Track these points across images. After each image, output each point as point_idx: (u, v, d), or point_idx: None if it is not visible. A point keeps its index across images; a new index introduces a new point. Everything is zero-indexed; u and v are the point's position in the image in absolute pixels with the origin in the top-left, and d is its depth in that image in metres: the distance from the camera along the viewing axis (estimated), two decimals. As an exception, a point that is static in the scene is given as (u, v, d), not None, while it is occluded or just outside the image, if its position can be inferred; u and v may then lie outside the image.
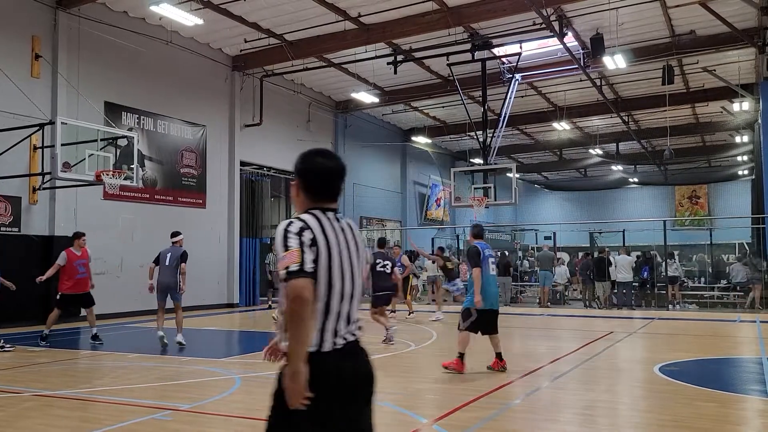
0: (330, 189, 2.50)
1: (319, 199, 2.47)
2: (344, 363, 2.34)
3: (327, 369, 2.29)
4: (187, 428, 5.22)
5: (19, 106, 13.00)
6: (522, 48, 16.73)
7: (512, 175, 17.23)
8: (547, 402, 6.35)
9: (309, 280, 2.22)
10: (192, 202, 17.47)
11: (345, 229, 2.44)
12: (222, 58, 18.46)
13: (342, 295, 2.36)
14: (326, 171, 2.51)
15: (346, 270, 2.37)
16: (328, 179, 2.51)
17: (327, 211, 2.45)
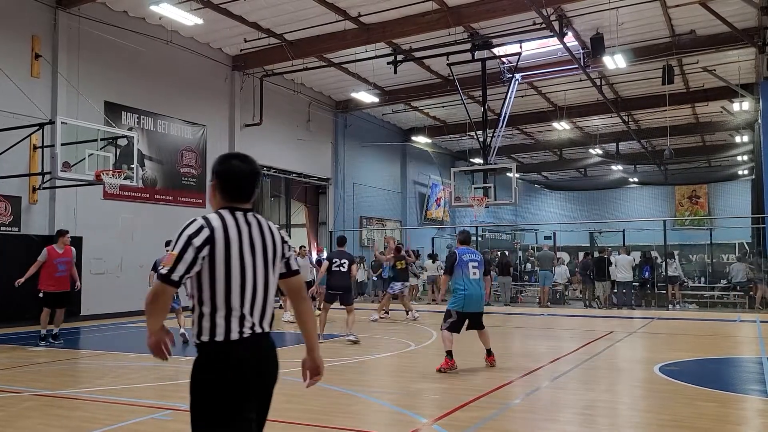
0: (243, 191, 2.64)
1: (232, 200, 2.63)
2: (248, 353, 2.50)
3: (230, 358, 2.47)
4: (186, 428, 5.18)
5: (19, 105, 13.00)
6: (522, 48, 16.73)
7: (512, 175, 17.22)
8: (547, 402, 6.35)
9: (170, 289, 2.45)
10: (192, 201, 17.47)
11: (253, 228, 2.59)
12: (222, 57, 18.46)
13: (242, 288, 2.50)
14: (240, 174, 2.64)
15: (248, 266, 2.51)
16: (241, 182, 2.64)
17: (237, 211, 2.60)
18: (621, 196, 37.32)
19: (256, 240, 2.58)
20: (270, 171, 20.75)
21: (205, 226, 2.49)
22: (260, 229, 2.62)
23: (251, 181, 2.66)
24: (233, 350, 2.48)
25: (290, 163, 21.44)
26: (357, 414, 5.78)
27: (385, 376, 7.94)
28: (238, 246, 2.51)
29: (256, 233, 2.59)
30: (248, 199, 2.66)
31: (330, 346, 10.35)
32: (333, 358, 8.84)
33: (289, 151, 21.34)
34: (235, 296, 2.50)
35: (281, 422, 5.26)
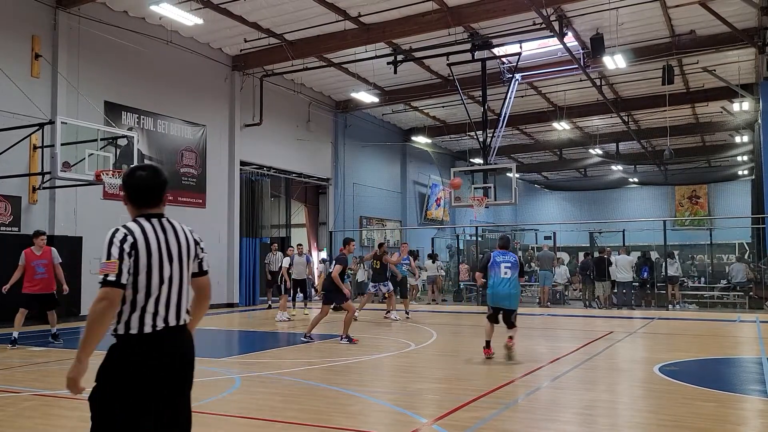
0: (149, 198, 2.91)
1: (142, 207, 2.90)
2: (160, 345, 2.76)
3: (143, 350, 2.72)
4: (187, 428, 5.21)
5: (19, 105, 13.00)
6: (522, 48, 16.72)
7: (512, 175, 17.22)
8: (547, 402, 6.35)
9: (118, 291, 2.69)
10: (192, 201, 17.47)
11: (169, 233, 2.87)
12: (222, 57, 18.46)
13: (160, 285, 2.79)
14: (143, 184, 2.91)
15: (165, 266, 2.80)
16: (145, 191, 2.91)
17: (152, 217, 2.88)
18: (621, 196, 37.33)
19: (171, 243, 2.86)
20: (270, 171, 20.76)
21: (128, 234, 2.77)
22: (175, 233, 2.90)
23: (154, 190, 2.92)
24: (147, 341, 2.74)
25: (290, 163, 21.44)
26: (357, 414, 5.78)
27: (385, 376, 7.94)
28: (157, 250, 2.80)
29: (172, 237, 2.88)
30: (157, 205, 2.93)
31: (330, 347, 10.35)
32: (333, 358, 8.85)
33: (289, 151, 21.34)
34: (153, 295, 2.77)
35: (280, 422, 5.27)
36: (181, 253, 2.90)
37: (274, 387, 6.91)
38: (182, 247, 2.91)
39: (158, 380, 2.73)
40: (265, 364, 8.39)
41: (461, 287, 21.79)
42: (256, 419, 5.43)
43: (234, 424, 5.40)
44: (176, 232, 2.91)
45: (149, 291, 2.77)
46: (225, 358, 9.22)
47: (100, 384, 2.74)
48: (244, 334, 12.66)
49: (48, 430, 5.08)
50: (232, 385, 6.91)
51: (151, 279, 2.77)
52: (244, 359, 9.16)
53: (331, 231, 23.26)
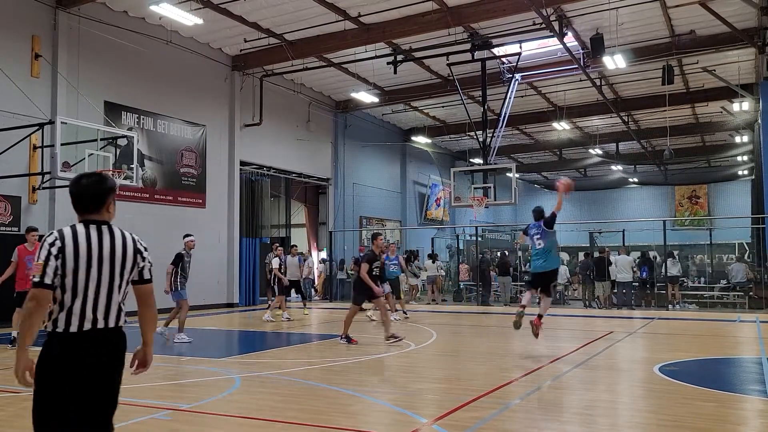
0: (89, 205, 3.03)
1: (83, 213, 3.03)
2: (83, 344, 2.90)
3: (65, 347, 2.87)
4: (186, 428, 5.22)
5: (19, 105, 13.00)
6: (522, 48, 16.72)
7: (512, 175, 17.23)
8: (546, 402, 6.35)
9: (45, 291, 2.85)
10: (192, 201, 17.47)
11: (104, 237, 2.98)
12: (222, 57, 18.46)
13: (86, 287, 2.91)
14: (85, 192, 3.04)
15: (93, 270, 2.92)
16: (86, 198, 3.03)
17: (91, 224, 3.00)
18: (621, 196, 37.33)
19: (105, 249, 2.97)
20: (270, 171, 20.76)
21: (58, 239, 2.92)
22: (112, 239, 3.00)
23: (94, 197, 3.03)
24: (70, 340, 2.88)
25: (290, 163, 21.43)
26: (357, 414, 5.77)
27: (385, 377, 7.94)
28: (85, 254, 2.92)
29: (107, 243, 2.98)
30: (98, 212, 3.04)
31: (329, 346, 10.35)
32: (332, 358, 8.85)
33: (289, 151, 21.34)
34: (79, 297, 2.91)
35: (280, 422, 5.27)
36: (114, 259, 2.99)
37: (274, 387, 6.91)
38: (116, 254, 3.00)
39: (76, 378, 2.86)
40: (265, 364, 8.39)
41: (461, 287, 21.79)
42: (256, 419, 5.43)
43: (234, 424, 5.39)
44: (113, 239, 3.01)
45: (75, 292, 2.90)
46: (225, 358, 9.22)
47: (35, 377, 2.88)
48: (243, 334, 12.66)
49: (48, 430, 5.07)
50: (232, 385, 6.91)
51: (77, 281, 2.90)
52: (244, 359, 9.16)
53: (331, 231, 23.25)
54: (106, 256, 2.97)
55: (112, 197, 3.10)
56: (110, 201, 3.09)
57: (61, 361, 2.86)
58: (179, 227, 16.65)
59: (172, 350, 9.79)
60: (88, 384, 2.90)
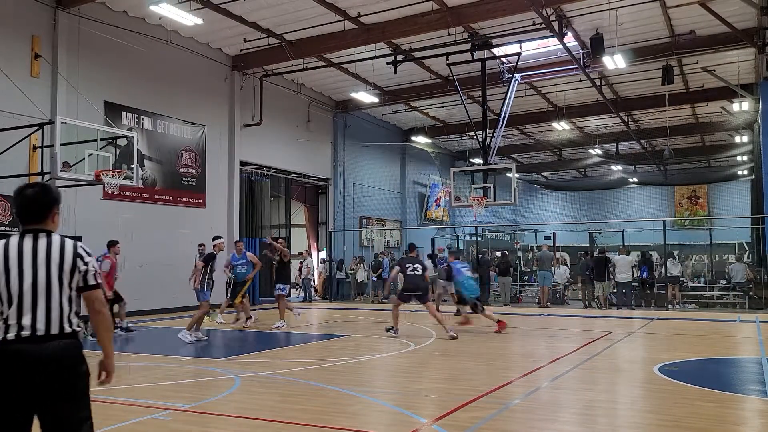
0: (26, 215, 3.04)
1: (22, 222, 3.06)
2: (21, 352, 2.82)
3: (3, 356, 2.82)
4: (187, 428, 5.22)
5: (18, 105, 13.00)
6: (521, 48, 16.72)
7: (512, 175, 17.22)
8: (546, 402, 6.35)
9: None
10: (192, 201, 17.47)
11: (40, 246, 2.96)
12: (222, 57, 18.46)
13: (11, 295, 2.88)
14: (25, 202, 3.05)
15: (26, 278, 2.89)
16: (23, 208, 3.05)
17: (28, 232, 3.01)
18: (620, 196, 37.34)
19: (39, 257, 2.93)
20: (270, 171, 20.76)
21: None
22: (48, 246, 2.96)
23: (32, 207, 3.03)
24: (7, 347, 2.83)
25: (290, 163, 21.43)
26: (356, 414, 5.78)
27: (384, 377, 7.94)
28: (16, 262, 2.91)
29: (42, 251, 2.95)
30: (35, 221, 3.03)
31: (329, 346, 10.36)
32: (331, 359, 8.85)
33: (289, 151, 21.34)
34: (13, 304, 2.88)
35: (280, 422, 5.27)
36: (49, 266, 2.94)
37: (274, 387, 6.91)
38: (52, 261, 2.95)
39: (18, 386, 2.80)
40: (265, 364, 8.39)
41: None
42: (256, 419, 5.43)
43: (234, 424, 5.40)
44: (49, 246, 2.97)
45: (10, 300, 2.88)
46: (224, 358, 9.23)
47: None
48: (243, 334, 12.66)
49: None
50: (231, 385, 6.91)
51: (9, 289, 2.89)
52: (244, 359, 9.16)
53: (331, 231, 23.25)
54: (41, 264, 2.92)
55: (56, 208, 3.08)
56: (55, 212, 3.07)
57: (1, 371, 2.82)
58: (179, 227, 16.69)
59: (172, 350, 9.79)
60: (38, 393, 2.83)
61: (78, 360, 2.97)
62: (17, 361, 2.82)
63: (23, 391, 2.80)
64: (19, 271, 2.90)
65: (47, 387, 2.84)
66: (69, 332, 2.94)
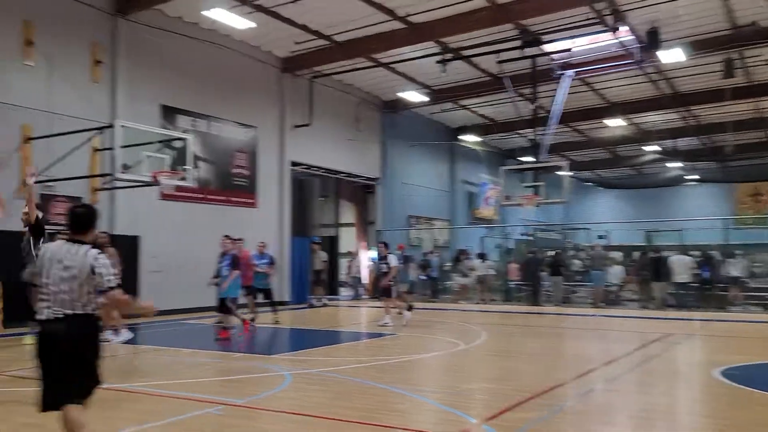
0: (70, 227, 4.07)
1: (69, 231, 4.08)
2: (47, 327, 3.87)
3: (40, 330, 3.91)
4: (241, 423, 5.34)
5: (81, 110, 13.55)
6: (574, 43, 16.40)
7: (563, 173, 16.93)
8: (600, 404, 6.22)
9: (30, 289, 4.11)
10: (243, 201, 17.83)
11: (70, 253, 3.91)
12: (272, 60, 18.77)
13: (46, 286, 3.88)
14: (70, 218, 4.08)
15: (46, 273, 3.90)
16: (70, 222, 4.09)
17: (68, 240, 4.00)
18: (678, 194, 36.14)
19: (65, 260, 3.89)
20: (319, 171, 20.98)
21: (44, 249, 4.10)
22: (76, 254, 3.90)
23: (73, 221, 4.06)
24: (42, 324, 3.89)
25: (339, 162, 21.61)
26: (405, 412, 5.79)
27: (433, 375, 7.93)
28: (51, 264, 3.90)
29: (71, 256, 3.90)
30: (78, 231, 4.03)
31: (378, 344, 10.41)
32: (380, 357, 8.89)
33: (338, 151, 21.53)
34: (44, 292, 3.89)
35: (330, 419, 5.33)
36: (70, 268, 3.87)
37: (324, 384, 6.99)
38: (76, 264, 3.88)
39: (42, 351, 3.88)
40: (315, 361, 8.49)
41: (511, 287, 21.55)
42: (307, 416, 5.50)
43: (285, 420, 5.48)
44: (77, 252, 3.91)
45: (46, 287, 3.88)
46: (275, 355, 9.39)
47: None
48: (294, 332, 12.85)
49: (112, 423, 5.25)
50: (282, 382, 7.02)
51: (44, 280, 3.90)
52: (294, 356, 9.29)
53: (379, 230, 23.34)
54: (66, 266, 3.86)
55: (95, 224, 4.12)
56: (93, 227, 4.11)
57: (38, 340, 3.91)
58: (231, 227, 17.01)
59: (224, 346, 10.02)
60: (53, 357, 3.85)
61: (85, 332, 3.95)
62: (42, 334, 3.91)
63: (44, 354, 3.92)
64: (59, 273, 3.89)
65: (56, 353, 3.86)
66: (82, 313, 3.89)
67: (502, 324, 14.06)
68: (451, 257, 24.63)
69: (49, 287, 3.87)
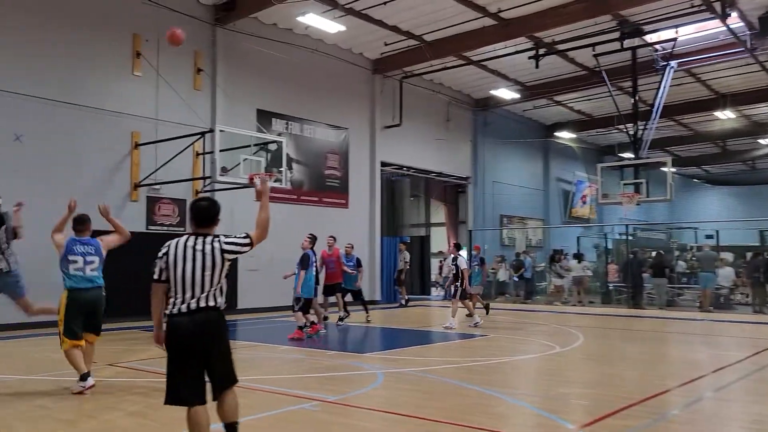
0: (195, 221, 4.10)
1: (193, 226, 4.11)
2: (182, 320, 3.87)
3: (174, 322, 3.89)
4: (333, 419, 5.40)
5: (183, 116, 14.30)
6: (678, 33, 15.54)
7: (667, 170, 16.06)
8: (709, 414, 5.82)
9: (155, 285, 4.03)
10: (335, 202, 18.16)
11: (197, 246, 3.96)
12: (363, 62, 19.01)
13: (176, 281, 3.91)
14: (194, 211, 4.13)
15: (179, 268, 3.91)
16: (194, 216, 4.11)
17: (192, 234, 4.04)
18: (796, 190, 33.38)
19: (196, 253, 3.93)
20: (409, 171, 21.03)
21: (165, 246, 4.03)
22: (203, 246, 3.95)
23: (200, 215, 4.10)
24: (174, 318, 3.88)
25: (429, 162, 21.57)
26: (499, 415, 5.65)
27: (528, 378, 7.71)
28: (180, 257, 3.93)
29: (199, 248, 3.94)
30: (202, 225, 4.08)
31: (471, 345, 10.27)
32: (473, 358, 8.76)
33: (428, 150, 21.49)
34: (174, 286, 3.93)
35: (422, 419, 5.29)
36: (204, 258, 3.92)
37: (416, 384, 6.96)
38: (206, 254, 3.93)
39: (178, 344, 3.90)
40: (407, 361, 8.49)
41: (610, 289, 20.68)
42: (399, 414, 5.49)
43: (377, 418, 5.50)
44: (204, 244, 3.96)
45: (175, 282, 3.92)
46: (368, 354, 9.47)
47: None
48: (385, 331, 12.92)
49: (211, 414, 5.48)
50: (375, 380, 7.06)
51: (175, 274, 3.91)
52: (386, 355, 9.33)
53: (471, 230, 23.08)
54: (190, 258, 3.91)
55: (218, 217, 4.13)
56: (218, 220, 4.12)
57: (172, 333, 3.88)
58: (323, 227, 17.35)
59: (318, 344, 10.22)
60: (195, 349, 3.86)
61: (218, 324, 3.97)
62: (177, 327, 3.89)
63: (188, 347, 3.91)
64: (183, 266, 3.92)
65: (197, 345, 3.89)
66: (215, 306, 3.94)
67: (600, 327, 13.50)
68: (545, 257, 23.98)
69: (183, 281, 3.87)
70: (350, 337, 11.78)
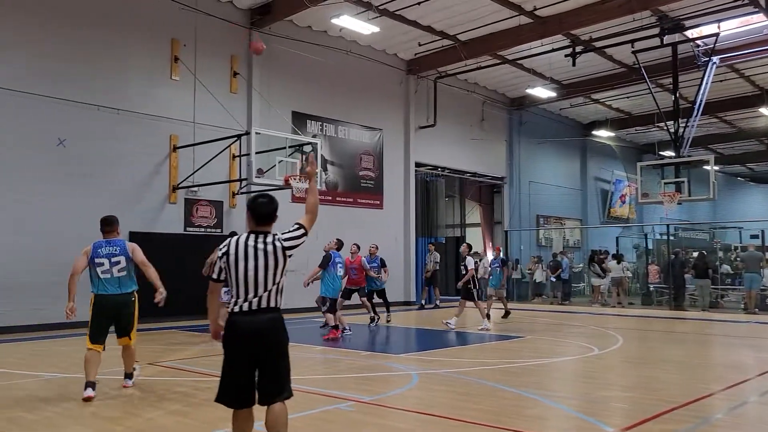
0: (255, 218, 4.00)
1: (252, 224, 4.00)
2: (243, 319, 3.81)
3: (233, 321, 3.83)
4: (368, 419, 5.40)
5: (220, 119, 14.51)
6: (720, 27, 15.12)
7: (710, 168, 15.64)
8: (754, 419, 5.63)
9: (213, 283, 4.03)
10: (370, 203, 18.20)
11: (259, 245, 3.88)
12: (397, 62, 19.01)
13: (238, 280, 3.83)
14: (253, 208, 4.01)
15: (241, 267, 3.83)
16: (254, 213, 4.00)
17: (252, 233, 3.95)
18: None
19: (257, 252, 3.85)
20: (444, 171, 20.95)
21: (225, 245, 3.94)
22: (264, 244, 3.88)
23: (260, 213, 4.01)
24: (235, 317, 3.82)
25: (464, 163, 21.45)
26: (536, 418, 5.57)
27: (566, 381, 7.58)
28: (241, 256, 3.84)
29: (260, 248, 3.87)
30: (261, 223, 3.99)
31: (507, 347, 10.16)
32: (509, 360, 8.66)
33: (463, 151, 21.37)
34: (235, 285, 3.85)
35: (457, 420, 5.25)
36: (267, 258, 3.85)
37: (451, 385, 6.92)
38: (268, 253, 3.87)
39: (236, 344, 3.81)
40: (442, 362, 8.44)
41: (651, 290, 20.23)
42: (434, 416, 5.46)
43: (412, 419, 5.48)
44: (265, 244, 3.89)
45: (232, 280, 3.85)
46: (402, 354, 9.45)
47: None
48: (420, 332, 12.88)
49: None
50: (409, 381, 7.04)
51: (234, 273, 3.84)
52: (421, 356, 9.30)
53: (507, 230, 22.86)
54: (251, 257, 3.83)
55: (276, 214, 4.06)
56: (276, 216, 4.05)
57: (231, 333, 3.81)
58: (358, 228, 17.44)
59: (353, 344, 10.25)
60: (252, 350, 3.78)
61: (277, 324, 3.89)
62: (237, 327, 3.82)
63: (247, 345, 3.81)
64: (246, 265, 3.84)
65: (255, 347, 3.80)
66: (274, 306, 3.89)
67: (640, 329, 13.22)
68: (583, 258, 23.61)
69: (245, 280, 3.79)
70: (385, 338, 11.79)
